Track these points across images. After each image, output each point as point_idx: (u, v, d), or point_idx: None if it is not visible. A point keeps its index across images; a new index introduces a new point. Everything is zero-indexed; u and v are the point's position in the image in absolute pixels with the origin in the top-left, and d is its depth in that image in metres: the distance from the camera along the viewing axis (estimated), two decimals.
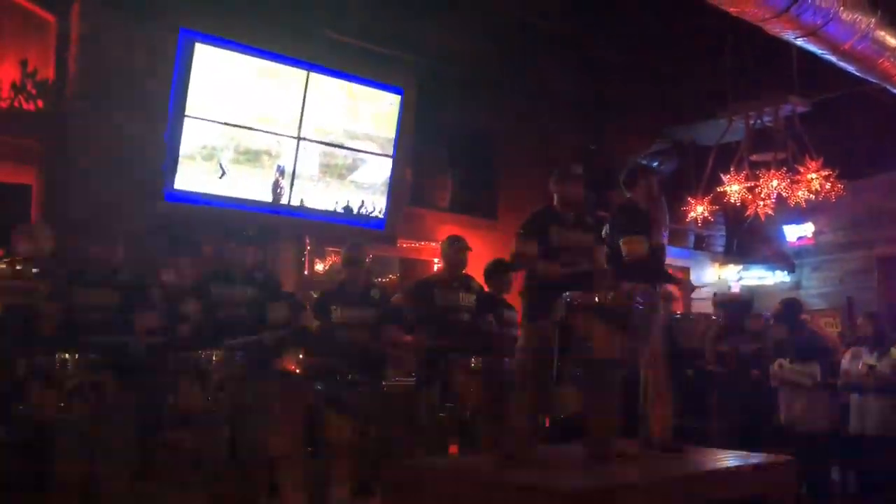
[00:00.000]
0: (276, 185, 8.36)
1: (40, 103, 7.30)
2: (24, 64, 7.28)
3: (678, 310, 7.83)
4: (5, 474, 4.62)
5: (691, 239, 12.58)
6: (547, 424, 5.46)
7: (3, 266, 5.33)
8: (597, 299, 4.23)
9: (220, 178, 7.92)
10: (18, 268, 5.14)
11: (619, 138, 10.68)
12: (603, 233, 4.81)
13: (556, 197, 4.70)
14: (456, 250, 5.64)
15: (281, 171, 8.36)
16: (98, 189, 7.08)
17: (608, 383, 4.50)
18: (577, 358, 4.26)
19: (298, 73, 8.30)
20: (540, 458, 4.48)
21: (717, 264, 12.87)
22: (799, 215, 11.27)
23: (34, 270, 5.00)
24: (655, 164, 11.45)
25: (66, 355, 4.25)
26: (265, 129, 8.16)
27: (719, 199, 9.21)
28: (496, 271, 6.09)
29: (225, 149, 7.92)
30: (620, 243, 4.64)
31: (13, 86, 7.21)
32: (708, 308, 8.68)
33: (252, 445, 4.77)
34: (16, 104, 7.23)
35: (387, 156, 9.08)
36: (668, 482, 4.06)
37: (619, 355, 4.25)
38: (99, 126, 7.13)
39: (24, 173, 7.32)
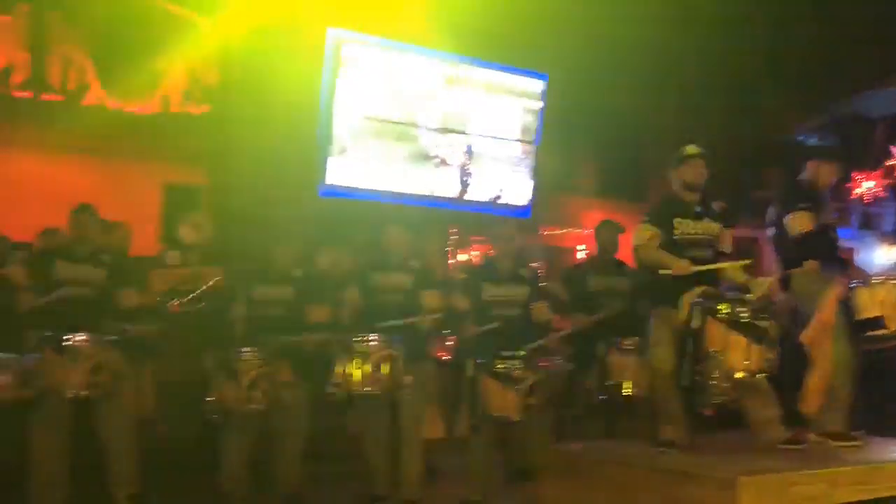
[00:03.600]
0: (424, 177, 8.53)
1: (206, 107, 7.79)
2: (191, 71, 7.79)
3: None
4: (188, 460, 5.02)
5: (857, 218, 11.75)
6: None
7: (172, 253, 5.76)
8: (732, 310, 4.05)
9: (371, 171, 8.18)
10: (185, 255, 5.53)
11: (773, 113, 10.13)
12: (767, 215, 4.57)
13: (675, 181, 4.49)
14: (608, 230, 5.54)
15: (428, 163, 8.52)
16: (258, 186, 7.49)
17: (758, 380, 4.29)
18: (708, 369, 4.08)
19: (443, 65, 8.43)
20: (700, 447, 4.35)
21: (886, 245, 11.97)
22: None
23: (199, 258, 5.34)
24: (814, 139, 10.77)
25: (247, 349, 4.52)
26: (411, 122, 8.36)
27: (890, 173, 8.56)
28: None
29: (373, 143, 8.16)
30: (786, 220, 4.41)
31: (182, 92, 7.74)
32: None
33: (410, 425, 4.89)
34: (185, 109, 7.75)
35: (531, 143, 9.06)
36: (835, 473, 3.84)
37: (753, 370, 4.05)
38: (257, 126, 7.53)
39: (195, 173, 7.85)
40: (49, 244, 5.04)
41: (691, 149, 4.47)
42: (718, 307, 4.08)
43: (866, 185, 8.75)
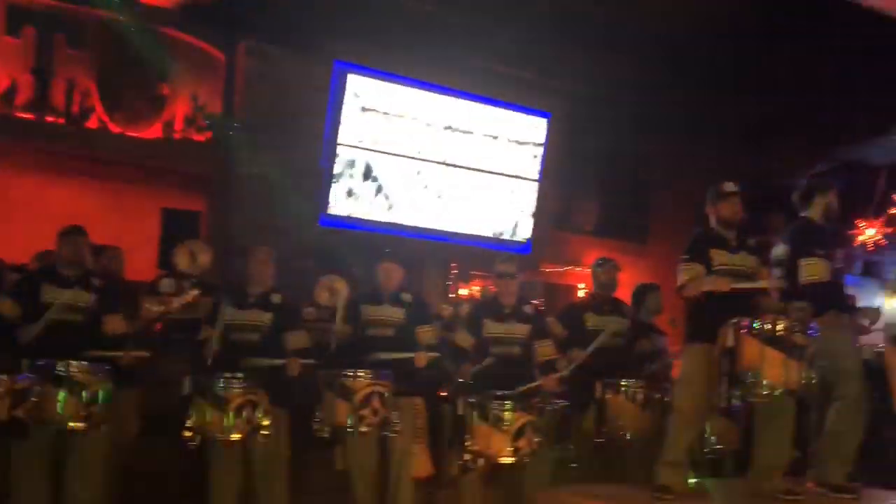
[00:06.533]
0: (424, 211, 8.51)
1: (209, 134, 7.81)
2: (194, 98, 7.82)
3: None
4: (172, 484, 4.90)
5: (859, 265, 11.70)
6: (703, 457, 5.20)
7: (166, 280, 5.70)
8: (767, 325, 3.97)
9: (372, 203, 8.16)
10: (179, 283, 5.46)
11: (780, 159, 10.13)
12: (772, 254, 4.52)
13: (712, 218, 4.49)
14: (605, 270, 5.50)
15: (429, 196, 8.51)
16: (258, 215, 7.47)
17: (780, 415, 4.22)
18: (745, 388, 3.98)
19: (447, 101, 8.46)
20: (696, 494, 4.25)
21: (887, 293, 11.90)
22: None
23: (192, 285, 5.26)
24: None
25: (227, 375, 4.38)
26: (414, 156, 8.36)
27: (892, 221, 8.52)
28: (644, 294, 5.89)
29: (376, 175, 8.16)
30: (800, 265, 4.35)
31: (185, 118, 7.76)
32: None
33: (398, 462, 4.80)
34: (187, 136, 7.77)
35: (533, 180, 9.06)
36: None
37: (791, 386, 3.96)
38: (260, 155, 7.53)
39: (194, 200, 7.84)
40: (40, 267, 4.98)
41: (730, 186, 4.46)
42: (754, 324, 3.98)
43: (869, 233, 8.70)
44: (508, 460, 4.45)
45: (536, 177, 9.06)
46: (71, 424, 4.09)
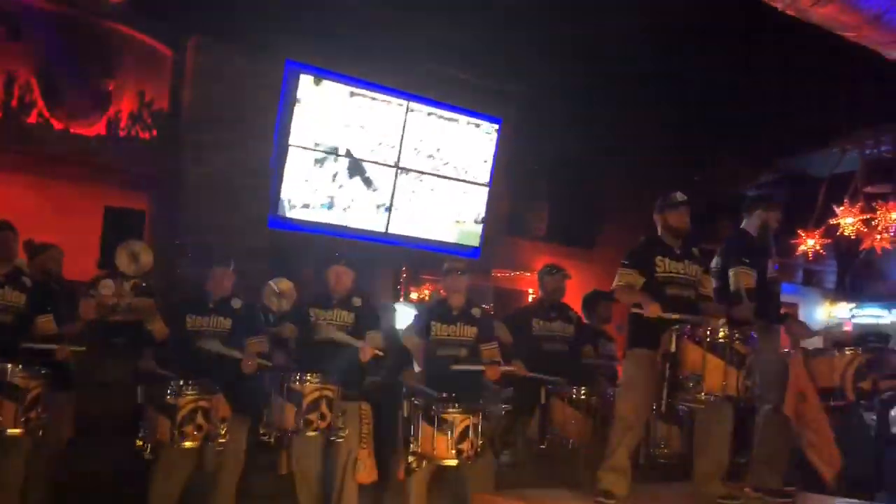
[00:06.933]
0: (375, 214, 8.48)
1: (155, 132, 7.65)
2: (141, 95, 7.66)
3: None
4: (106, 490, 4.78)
5: (800, 274, 12.03)
6: (646, 462, 5.26)
7: (105, 281, 5.57)
8: (709, 333, 4.04)
9: (323, 205, 8.10)
10: (120, 284, 5.35)
11: (725, 169, 10.35)
12: (712, 265, 4.61)
13: (659, 226, 4.57)
14: (554, 278, 5.53)
15: (380, 200, 8.48)
16: (206, 215, 7.35)
17: (718, 421, 4.29)
18: (686, 394, 4.05)
19: (399, 103, 8.45)
20: (639, 498, 4.29)
21: (827, 301, 12.26)
22: None
23: (132, 286, 5.15)
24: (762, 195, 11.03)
25: (182, 381, 4.32)
26: (366, 159, 8.32)
27: (832, 232, 8.76)
28: (595, 301, 5.95)
29: (325, 177, 8.10)
30: (730, 274, 4.45)
31: (131, 115, 7.59)
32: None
33: (343, 467, 4.76)
34: (133, 133, 7.60)
35: (483, 185, 9.09)
36: None
37: (732, 392, 4.03)
38: (208, 154, 7.41)
39: (139, 199, 7.67)
40: None
41: (680, 196, 4.55)
42: (696, 331, 4.05)
43: (809, 243, 8.93)
44: (451, 462, 4.45)
45: (487, 182, 9.10)
46: (10, 431, 3.96)
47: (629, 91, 8.85)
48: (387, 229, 8.56)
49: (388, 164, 8.47)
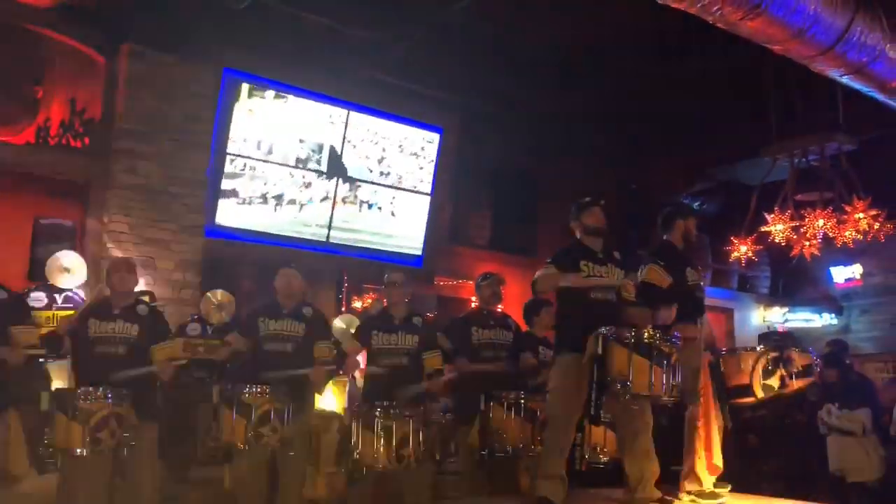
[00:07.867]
0: (316, 223, 8.41)
1: (87, 141, 7.46)
2: (72, 103, 7.46)
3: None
4: None
5: (735, 280, 12.33)
6: (584, 467, 5.31)
7: (36, 293, 5.42)
8: (633, 334, 4.11)
9: (261, 215, 8.00)
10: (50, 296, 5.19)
11: (661, 177, 10.56)
12: (639, 274, 4.70)
13: (578, 231, 4.64)
14: (488, 284, 5.58)
15: (321, 209, 8.41)
16: (141, 225, 7.18)
17: (647, 423, 4.36)
18: (613, 396, 4.10)
19: (339, 112, 8.40)
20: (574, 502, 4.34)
21: (761, 306, 12.59)
22: (847, 256, 10.98)
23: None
24: (698, 203, 11.28)
25: (90, 388, 4.20)
26: (304, 167, 8.25)
27: (763, 239, 8.99)
28: (536, 308, 6.00)
29: (264, 186, 8.00)
30: (640, 269, 4.53)
31: (62, 123, 7.39)
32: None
33: (290, 482, 4.69)
34: (63, 142, 7.39)
35: (425, 194, 9.10)
36: None
37: (659, 392, 4.10)
38: (142, 163, 7.24)
39: (71, 209, 7.45)
40: None
41: (588, 197, 4.67)
42: (621, 333, 4.12)
43: (742, 249, 9.14)
44: (391, 469, 4.44)
45: (429, 191, 9.11)
46: None
47: (568, 101, 8.98)
48: (328, 238, 8.49)
49: (328, 174, 8.41)
